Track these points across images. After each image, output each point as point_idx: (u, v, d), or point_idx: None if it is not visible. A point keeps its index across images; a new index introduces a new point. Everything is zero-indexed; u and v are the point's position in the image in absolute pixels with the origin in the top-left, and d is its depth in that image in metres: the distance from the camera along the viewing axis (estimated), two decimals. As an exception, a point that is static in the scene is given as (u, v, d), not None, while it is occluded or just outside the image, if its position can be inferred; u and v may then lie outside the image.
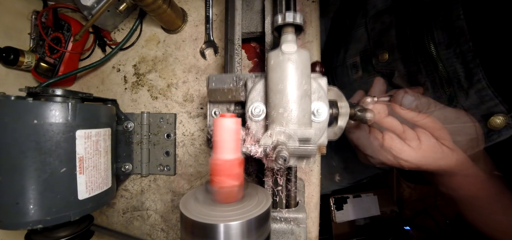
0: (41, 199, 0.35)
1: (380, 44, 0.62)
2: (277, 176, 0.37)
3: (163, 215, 0.55)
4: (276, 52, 0.31)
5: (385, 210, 1.38)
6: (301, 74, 0.30)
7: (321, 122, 0.33)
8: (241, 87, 0.35)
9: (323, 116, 0.33)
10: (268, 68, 0.31)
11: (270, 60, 0.31)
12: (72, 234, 0.39)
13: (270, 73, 0.31)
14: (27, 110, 0.34)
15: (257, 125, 0.33)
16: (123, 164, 0.52)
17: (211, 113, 0.38)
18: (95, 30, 0.56)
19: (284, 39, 0.31)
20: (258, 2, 0.46)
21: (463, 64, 0.48)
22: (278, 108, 0.30)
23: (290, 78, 0.30)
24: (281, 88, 0.30)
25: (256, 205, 0.27)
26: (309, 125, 0.30)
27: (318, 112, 0.32)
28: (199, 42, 0.54)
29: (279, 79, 0.30)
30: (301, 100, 0.30)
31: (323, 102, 0.33)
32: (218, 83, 0.35)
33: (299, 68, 0.30)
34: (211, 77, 0.36)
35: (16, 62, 0.50)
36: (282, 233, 0.37)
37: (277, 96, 0.30)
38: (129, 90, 0.56)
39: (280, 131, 0.29)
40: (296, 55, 0.30)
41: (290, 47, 0.30)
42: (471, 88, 0.48)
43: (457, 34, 0.47)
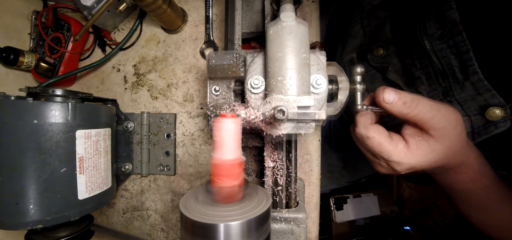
0: (41, 199, 0.35)
1: (375, 39, 0.62)
2: (277, 176, 0.37)
3: (163, 215, 0.55)
4: (275, 22, 0.31)
5: (385, 210, 1.38)
6: (300, 43, 0.30)
7: (320, 93, 0.33)
8: (240, 63, 0.35)
9: (323, 88, 0.33)
10: (267, 39, 0.31)
11: (269, 30, 0.31)
12: (72, 234, 0.39)
13: (269, 43, 0.31)
14: (27, 110, 0.34)
15: (257, 97, 0.33)
16: (123, 164, 0.52)
17: (211, 90, 0.38)
18: (95, 30, 0.56)
19: (283, 9, 0.31)
20: (258, 2, 0.46)
21: (457, 56, 0.48)
22: (277, 76, 0.30)
23: (289, 46, 0.30)
24: (280, 57, 0.30)
25: (256, 205, 0.27)
26: (308, 94, 0.30)
27: (317, 83, 0.32)
28: (199, 42, 0.54)
29: (278, 48, 0.30)
30: (300, 68, 0.30)
31: (322, 75, 0.33)
32: (218, 60, 0.35)
33: (297, 36, 0.30)
34: (211, 55, 0.36)
35: (16, 62, 0.50)
36: (282, 233, 0.37)
37: (276, 65, 0.30)
38: (129, 90, 0.56)
39: (279, 97, 0.29)
40: (295, 24, 0.30)
41: (288, 16, 0.30)
42: (467, 80, 0.47)
43: (449, 26, 0.47)
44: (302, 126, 0.32)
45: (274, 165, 0.38)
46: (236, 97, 0.39)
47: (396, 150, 0.37)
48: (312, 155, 0.50)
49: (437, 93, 0.53)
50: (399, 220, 1.42)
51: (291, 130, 0.31)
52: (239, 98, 0.38)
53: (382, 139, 0.38)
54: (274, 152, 0.38)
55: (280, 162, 0.37)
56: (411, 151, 0.37)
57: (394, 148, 0.37)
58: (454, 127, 0.36)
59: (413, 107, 0.35)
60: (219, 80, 0.38)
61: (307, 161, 0.50)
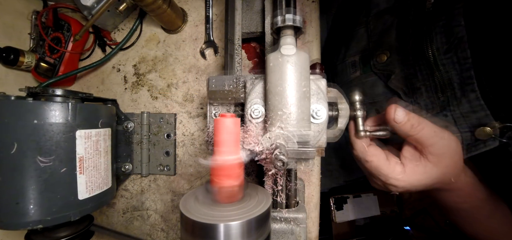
0: (41, 199, 0.35)
1: (379, 44, 0.62)
2: (277, 176, 0.37)
3: (163, 215, 0.55)
4: (275, 54, 0.30)
5: (385, 210, 1.38)
6: (300, 76, 0.30)
7: (320, 123, 0.33)
8: (240, 88, 0.35)
9: (322, 118, 0.33)
10: (267, 70, 0.31)
11: (269, 62, 0.31)
12: (72, 234, 0.39)
13: (269, 75, 0.31)
14: (27, 110, 0.34)
15: (257, 126, 0.33)
16: (123, 164, 0.52)
17: (211, 115, 0.38)
18: (95, 30, 0.56)
19: (283, 41, 0.31)
20: (258, 2, 0.46)
21: (459, 72, 0.49)
22: (277, 110, 0.30)
23: (289, 80, 0.30)
24: (280, 90, 0.30)
25: (256, 205, 0.27)
26: (308, 126, 0.30)
27: (317, 114, 0.32)
28: (199, 42, 0.54)
29: (278, 81, 0.30)
30: (300, 102, 0.30)
31: (322, 104, 0.33)
32: (218, 85, 0.35)
33: (298, 70, 0.30)
34: (211, 79, 0.36)
35: (16, 62, 0.50)
36: (282, 233, 0.37)
37: (276, 98, 0.30)
38: (129, 90, 0.56)
39: (279, 133, 0.29)
40: (295, 57, 0.30)
41: (289, 49, 0.30)
42: (464, 97, 0.49)
43: (456, 42, 0.48)
44: (302, 160, 0.32)
45: (274, 165, 0.38)
46: None
47: (393, 173, 0.39)
48: (312, 155, 0.49)
49: (435, 106, 0.54)
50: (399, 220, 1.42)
51: (291, 165, 0.32)
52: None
53: (380, 162, 0.40)
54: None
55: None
56: (407, 175, 0.39)
57: (392, 171, 0.39)
58: (451, 156, 0.38)
59: (418, 131, 0.37)
60: (219, 105, 0.38)
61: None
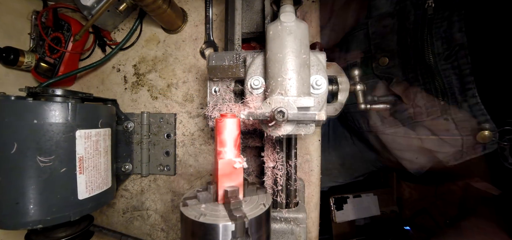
0: (41, 199, 0.34)
1: (380, 48, 0.63)
2: (277, 176, 0.37)
3: (163, 215, 0.55)
4: (275, 23, 0.31)
5: (385, 210, 1.38)
6: (300, 43, 0.30)
7: (320, 94, 0.33)
8: (240, 63, 0.35)
9: (323, 89, 0.33)
10: (267, 39, 0.31)
11: (269, 31, 0.31)
12: (72, 234, 0.39)
13: (269, 44, 0.31)
14: (27, 110, 0.34)
15: (257, 97, 0.33)
16: (123, 164, 0.52)
17: (211, 91, 0.38)
18: (95, 30, 0.56)
19: (283, 10, 0.31)
20: (258, 2, 0.46)
21: (459, 78, 0.50)
22: (277, 77, 0.30)
23: (289, 47, 0.30)
24: (280, 57, 0.30)
25: (256, 205, 0.27)
26: (308, 94, 0.30)
27: (317, 84, 0.32)
28: (199, 42, 0.54)
29: (278, 49, 0.30)
30: (300, 69, 0.30)
31: (322, 75, 0.33)
32: (218, 61, 0.35)
33: (297, 37, 0.30)
34: (211, 55, 0.36)
35: (16, 62, 0.50)
36: (282, 233, 0.37)
37: (276, 66, 0.30)
38: (129, 90, 0.56)
39: (279, 98, 0.29)
40: (295, 24, 0.30)
41: (288, 17, 0.30)
42: (465, 102, 0.50)
43: (456, 48, 0.49)
44: (302, 126, 0.32)
45: (274, 165, 0.38)
46: (236, 98, 0.39)
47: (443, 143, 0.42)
48: (312, 155, 0.49)
49: (435, 110, 0.55)
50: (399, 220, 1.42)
51: (291, 131, 0.31)
52: (239, 99, 0.38)
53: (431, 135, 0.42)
54: (274, 152, 0.38)
55: (280, 162, 0.37)
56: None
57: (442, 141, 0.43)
58: None
59: None
60: (219, 81, 0.38)
61: (307, 161, 0.50)
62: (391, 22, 0.61)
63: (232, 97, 0.38)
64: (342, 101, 0.37)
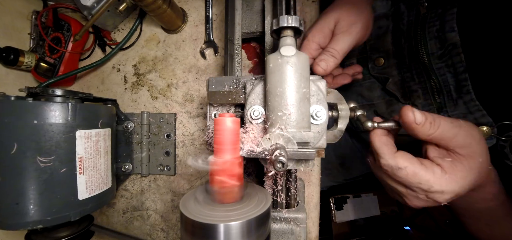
0: (41, 199, 0.34)
1: (376, 49, 0.63)
2: (277, 176, 0.37)
3: (163, 215, 0.55)
4: (275, 55, 0.30)
5: (385, 210, 1.38)
6: (300, 77, 0.30)
7: (320, 124, 0.33)
8: (240, 89, 0.35)
9: (322, 119, 0.33)
10: (267, 71, 0.31)
11: (269, 63, 0.31)
12: (72, 234, 0.39)
13: (269, 76, 0.31)
14: (27, 111, 0.34)
15: (256, 127, 0.33)
16: (123, 164, 0.52)
17: (211, 116, 0.38)
18: (95, 30, 0.56)
19: (283, 43, 0.31)
20: (258, 2, 0.46)
21: (454, 75, 0.50)
22: (277, 111, 0.30)
23: (289, 81, 0.30)
24: (280, 92, 0.30)
25: (256, 205, 0.27)
26: (308, 127, 0.30)
27: (317, 115, 0.33)
28: (199, 42, 0.54)
29: (278, 82, 0.30)
30: (300, 103, 0.30)
31: (322, 105, 0.33)
32: (218, 86, 0.36)
33: (298, 71, 0.30)
34: (211, 80, 0.36)
35: (16, 62, 0.50)
36: (282, 233, 0.37)
37: (276, 100, 0.30)
38: (129, 90, 0.56)
39: (279, 134, 0.29)
40: (295, 58, 0.30)
41: (288, 50, 0.30)
42: (460, 99, 0.50)
43: (450, 47, 0.49)
44: (301, 163, 0.32)
45: (274, 165, 0.38)
46: None
47: (435, 177, 0.32)
48: (312, 155, 0.50)
49: (432, 108, 0.55)
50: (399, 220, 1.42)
51: (291, 166, 0.31)
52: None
53: (416, 167, 0.33)
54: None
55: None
56: (451, 176, 0.32)
57: (433, 175, 0.32)
58: (478, 142, 0.33)
59: (436, 127, 0.32)
60: (219, 106, 0.38)
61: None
62: (385, 24, 0.61)
63: None
64: (342, 129, 0.37)
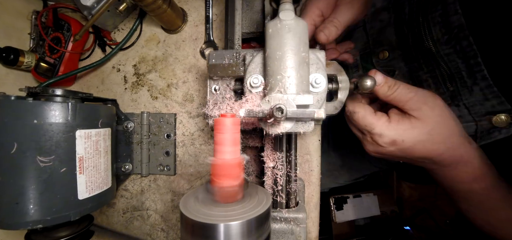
0: (41, 199, 0.34)
1: (379, 42, 0.62)
2: (277, 175, 0.37)
3: (163, 215, 0.55)
4: (274, 21, 0.31)
5: (385, 210, 1.38)
6: (299, 41, 0.30)
7: (319, 92, 0.33)
8: (240, 62, 0.35)
9: (322, 87, 0.33)
10: (267, 37, 0.31)
11: (268, 29, 0.31)
12: (72, 234, 0.39)
13: (268, 41, 0.31)
14: (27, 110, 0.34)
15: (256, 95, 0.33)
16: (123, 164, 0.52)
17: (211, 89, 0.38)
18: (95, 30, 0.56)
19: (282, 8, 0.31)
20: (258, 2, 0.46)
21: (465, 60, 0.48)
22: (276, 75, 0.30)
23: (288, 44, 0.30)
24: (279, 55, 0.30)
25: (256, 205, 0.27)
26: (307, 92, 0.30)
27: (316, 82, 0.33)
28: (199, 42, 0.54)
29: (277, 46, 0.30)
30: (299, 67, 0.30)
31: (321, 74, 0.33)
32: (218, 59, 0.36)
33: (297, 35, 0.30)
34: (211, 53, 0.36)
35: (16, 62, 0.50)
36: (282, 233, 0.37)
37: (275, 64, 0.30)
38: (129, 90, 0.56)
39: (278, 96, 0.29)
40: (294, 22, 0.30)
41: (287, 14, 0.30)
42: (475, 85, 0.47)
43: (455, 31, 0.47)
44: (301, 124, 0.32)
45: (274, 165, 0.38)
46: (236, 96, 0.39)
47: (378, 122, 0.39)
48: (312, 155, 0.49)
49: (445, 97, 0.52)
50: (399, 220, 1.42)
51: (290, 128, 0.31)
52: (239, 97, 0.38)
53: (367, 112, 0.40)
54: (274, 152, 0.38)
55: (280, 162, 0.37)
56: (392, 124, 0.40)
57: (377, 120, 0.40)
58: (431, 108, 0.38)
59: (394, 90, 0.38)
60: (219, 79, 0.38)
61: (307, 161, 0.50)
62: (387, 17, 0.61)
63: (232, 95, 0.38)
64: (342, 99, 0.37)
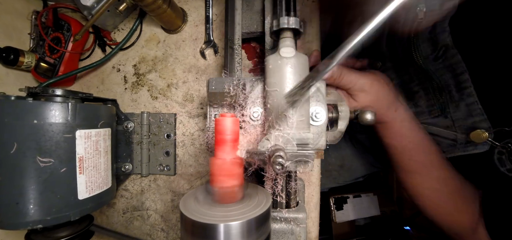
0: (41, 199, 0.34)
1: (372, 53, 0.63)
2: (277, 176, 0.37)
3: (163, 215, 0.55)
4: (275, 56, 0.30)
5: (385, 210, 1.38)
6: (300, 78, 0.30)
7: (319, 125, 0.33)
8: (240, 90, 0.35)
9: (322, 120, 0.33)
10: (267, 72, 0.31)
11: (268, 64, 0.31)
12: (72, 234, 0.39)
13: (268, 77, 0.31)
14: (27, 111, 0.34)
15: (256, 129, 0.33)
16: (123, 164, 0.52)
17: (211, 117, 0.38)
18: (95, 30, 0.56)
19: (283, 44, 0.31)
20: (258, 2, 0.46)
21: (454, 76, 0.50)
22: (276, 112, 0.30)
23: (288, 82, 0.30)
24: (279, 92, 0.30)
25: (256, 205, 0.27)
26: (307, 129, 0.30)
27: (316, 116, 0.33)
28: (199, 42, 0.54)
29: (278, 83, 0.30)
30: (299, 104, 0.30)
31: (321, 106, 0.33)
32: (218, 87, 0.35)
33: (297, 72, 0.30)
34: (211, 81, 0.36)
35: (16, 62, 0.50)
36: (282, 233, 0.37)
37: (275, 101, 0.30)
38: (129, 90, 0.56)
39: (278, 135, 0.29)
40: (295, 59, 0.30)
41: (288, 51, 0.30)
42: (462, 101, 0.49)
43: (443, 49, 0.49)
44: (302, 165, 0.32)
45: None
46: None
47: None
48: (312, 155, 0.50)
49: (434, 109, 0.55)
50: (399, 220, 1.42)
51: (290, 167, 0.31)
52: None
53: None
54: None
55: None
56: None
57: None
58: (370, 85, 0.41)
59: (340, 79, 0.40)
60: (219, 107, 0.38)
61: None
62: (380, 27, 0.61)
63: None
64: (342, 129, 0.37)
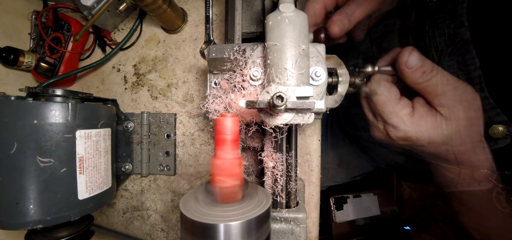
0: (41, 199, 0.34)
1: (382, 48, 0.62)
2: (277, 176, 0.37)
3: (163, 215, 0.55)
4: (274, 13, 0.31)
5: (385, 210, 1.38)
6: (299, 33, 0.30)
7: (319, 85, 0.33)
8: (240, 55, 0.35)
9: (322, 80, 0.33)
10: (267, 29, 0.31)
11: (268, 21, 0.31)
12: (72, 234, 0.39)
13: (268, 34, 0.31)
14: (27, 110, 0.34)
15: (257, 88, 0.33)
16: (123, 164, 0.52)
17: (211, 83, 0.38)
18: (95, 30, 0.56)
19: (282, 0, 0.31)
20: (258, 2, 0.46)
21: (465, 73, 0.48)
22: (276, 67, 0.30)
23: (288, 37, 0.30)
24: (279, 47, 0.30)
25: (256, 205, 0.27)
26: (307, 84, 0.31)
27: (316, 75, 0.33)
28: (199, 42, 0.54)
29: (277, 38, 0.30)
30: (299, 59, 0.30)
31: (321, 67, 0.33)
32: (218, 53, 0.36)
33: (297, 27, 0.30)
34: (211, 48, 0.36)
35: (16, 62, 0.50)
36: (282, 233, 0.37)
37: (275, 56, 0.30)
38: (129, 90, 0.56)
39: (278, 88, 0.29)
40: (294, 14, 0.30)
41: (287, 7, 0.30)
42: None
43: (460, 43, 0.47)
44: (301, 116, 0.32)
45: (274, 164, 0.38)
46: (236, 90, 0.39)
47: (398, 113, 0.34)
48: (312, 155, 0.49)
49: None
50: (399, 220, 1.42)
51: (290, 120, 0.31)
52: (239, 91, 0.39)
53: (391, 97, 0.35)
54: (273, 152, 0.38)
55: (280, 162, 0.37)
56: (414, 119, 0.35)
57: (399, 110, 0.34)
58: (465, 109, 0.33)
59: (427, 78, 0.33)
60: (219, 73, 0.38)
61: (307, 161, 0.50)
62: (392, 22, 0.61)
63: (232, 89, 0.38)
64: (342, 93, 0.37)
